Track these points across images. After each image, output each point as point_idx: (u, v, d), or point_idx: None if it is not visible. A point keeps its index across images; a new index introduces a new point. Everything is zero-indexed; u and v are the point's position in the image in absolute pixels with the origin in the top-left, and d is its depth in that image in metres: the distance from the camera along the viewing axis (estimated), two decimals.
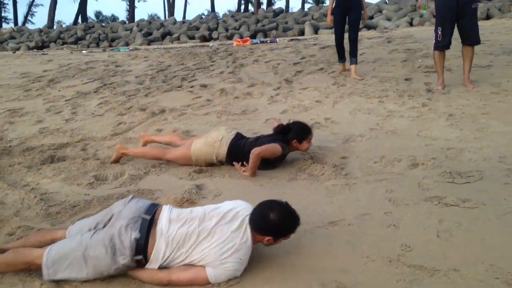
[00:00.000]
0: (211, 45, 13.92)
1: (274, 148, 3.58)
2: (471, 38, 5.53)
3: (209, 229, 2.26)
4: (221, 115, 5.55)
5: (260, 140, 3.73)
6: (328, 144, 4.23)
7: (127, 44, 18.10)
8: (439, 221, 2.70)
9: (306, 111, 5.46)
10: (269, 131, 4.71)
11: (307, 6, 42.91)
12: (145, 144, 4.33)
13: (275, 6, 36.69)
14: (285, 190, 3.30)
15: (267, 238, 2.28)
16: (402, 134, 4.32)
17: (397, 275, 2.21)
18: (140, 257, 2.23)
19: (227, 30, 18.66)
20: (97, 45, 18.87)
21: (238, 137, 3.85)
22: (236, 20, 20.32)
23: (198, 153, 3.77)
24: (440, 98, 5.35)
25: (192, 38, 18.12)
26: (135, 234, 2.23)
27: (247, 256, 2.26)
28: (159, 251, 2.24)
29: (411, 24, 15.56)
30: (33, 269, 2.28)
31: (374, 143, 4.16)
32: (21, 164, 4.07)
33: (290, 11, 36.58)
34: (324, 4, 40.72)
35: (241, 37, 15.92)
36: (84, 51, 14.96)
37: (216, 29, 19.04)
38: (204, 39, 17.76)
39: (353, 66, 6.83)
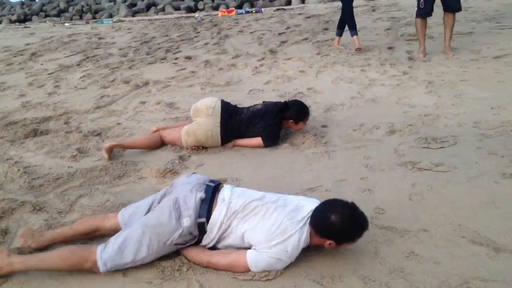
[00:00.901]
0: (196, 16, 13.73)
1: (275, 139, 3.64)
2: (452, 5, 5.55)
3: (270, 208, 2.14)
4: (205, 86, 5.56)
5: (256, 122, 3.63)
6: (311, 113, 4.27)
7: (110, 16, 17.80)
8: (412, 185, 2.80)
9: (290, 81, 5.48)
10: (252, 102, 4.77)
11: None
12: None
13: None
14: (266, 159, 3.37)
15: (329, 241, 2.06)
16: (382, 102, 4.39)
17: (368, 236, 2.30)
18: (203, 219, 2.15)
19: (213, 0, 18.39)
20: (80, 18, 18.54)
21: (228, 120, 3.62)
22: None
23: (189, 145, 3.63)
24: (421, 66, 5.40)
25: (177, 9, 17.86)
26: (200, 194, 2.19)
27: (295, 251, 2.06)
28: (218, 216, 2.15)
29: None
30: (87, 267, 2.11)
31: (355, 112, 4.22)
32: (4, 138, 4.08)
33: None
34: None
35: (227, 7, 15.71)
36: (67, 24, 14.68)
37: None
38: (190, 10, 17.51)
39: (355, 37, 6.57)
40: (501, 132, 3.41)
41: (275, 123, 3.62)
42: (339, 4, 6.88)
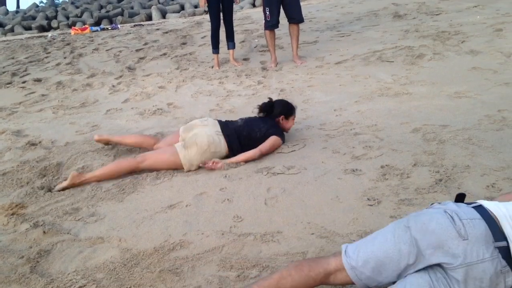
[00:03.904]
0: (48, 35, 12.82)
1: (277, 142, 3.51)
2: (295, 17, 6.00)
3: None
4: (58, 110, 5.23)
5: (255, 125, 3.51)
6: (170, 129, 4.26)
7: None
8: (267, 190, 2.94)
9: (149, 98, 5.41)
10: (110, 122, 4.61)
11: None
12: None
13: None
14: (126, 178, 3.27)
15: None
16: (239, 112, 4.55)
17: (228, 244, 2.37)
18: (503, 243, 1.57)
19: (67, 18, 17.37)
20: None
21: (226, 127, 3.49)
22: (77, 7, 19.01)
23: (192, 162, 3.32)
24: (273, 75, 5.73)
25: (28, 28, 16.49)
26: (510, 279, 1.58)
27: None
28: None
29: (253, 5, 16.22)
30: None
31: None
32: None
33: None
34: None
35: (84, 24, 14.97)
36: None
37: (55, 17, 17.61)
38: (43, 29, 16.31)
39: (231, 51, 6.57)
40: (343, 131, 3.76)
41: (276, 122, 3.60)
42: (197, 18, 6.97)
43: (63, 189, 3.17)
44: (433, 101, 4.13)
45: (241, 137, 3.47)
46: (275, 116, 3.63)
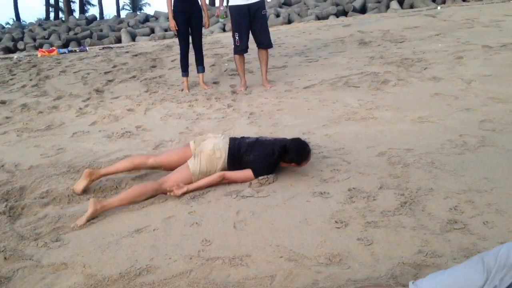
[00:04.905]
0: (15, 57, 12.60)
1: (248, 177, 3.36)
2: (264, 42, 6.10)
3: None
4: (22, 132, 5.11)
5: (257, 147, 3.44)
6: (139, 151, 4.22)
7: None
8: (237, 213, 2.93)
9: (117, 120, 5.36)
10: (77, 145, 4.53)
11: (123, 13, 41.90)
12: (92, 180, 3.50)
13: (88, 13, 34.97)
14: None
15: None
16: None
17: (196, 269, 2.34)
18: None
19: (34, 40, 17.16)
20: None
21: (235, 140, 3.53)
22: (45, 29, 18.83)
23: (200, 169, 3.37)
24: (243, 98, 5.79)
25: None
26: None
27: None
28: None
29: (224, 29, 16.44)
30: None
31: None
32: None
33: (105, 18, 35.25)
34: (139, 12, 40.20)
35: (51, 46, 14.79)
36: None
37: (21, 39, 17.36)
38: (9, 50, 16.06)
39: (201, 75, 6.60)
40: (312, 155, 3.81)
41: (274, 160, 3.39)
42: (167, 41, 6.99)
43: (88, 220, 2.96)
44: (398, 125, 4.25)
45: (240, 151, 3.45)
46: (284, 161, 3.41)
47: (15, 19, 37.91)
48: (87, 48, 12.45)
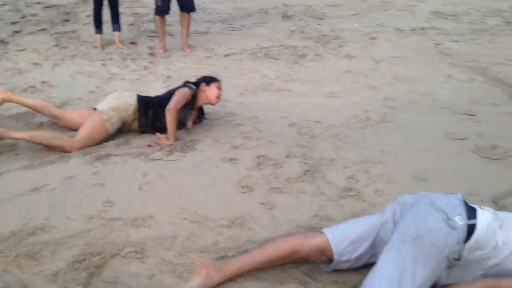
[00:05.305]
0: None
1: (183, 93, 3.49)
2: (187, 5, 5.94)
3: None
4: None
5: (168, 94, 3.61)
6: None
7: None
8: (144, 175, 2.90)
9: (21, 74, 5.00)
10: None
11: None
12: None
13: None
14: None
15: None
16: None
17: (96, 229, 2.29)
18: (473, 221, 1.76)
19: None
20: None
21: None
22: None
23: (110, 108, 3.41)
24: (161, 61, 5.63)
25: None
26: (459, 195, 1.86)
27: None
28: (486, 220, 1.79)
29: None
30: None
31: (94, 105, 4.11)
32: None
33: None
34: None
35: None
36: None
37: None
38: None
39: (117, 33, 6.25)
40: (225, 122, 3.84)
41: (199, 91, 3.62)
42: None
43: None
44: (310, 98, 4.39)
45: (151, 98, 3.64)
46: (197, 85, 3.65)
47: None
48: None
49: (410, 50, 5.92)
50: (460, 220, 1.72)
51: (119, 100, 3.50)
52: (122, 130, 3.53)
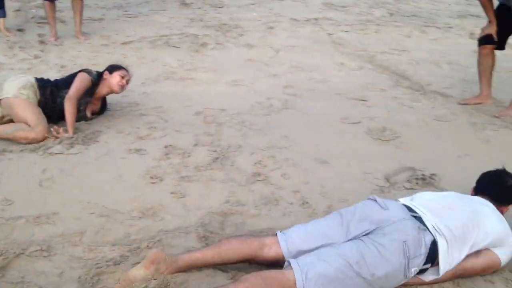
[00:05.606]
0: None
1: (82, 77, 3.36)
2: None
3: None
4: None
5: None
6: None
7: None
8: (43, 170, 2.75)
9: None
10: None
11: None
12: None
13: None
14: None
15: (506, 208, 2.20)
16: None
17: None
18: (427, 265, 1.86)
19: None
20: None
21: None
22: None
23: (24, 91, 3.19)
24: (53, 49, 5.29)
25: None
26: (429, 237, 1.85)
27: None
28: (443, 254, 1.87)
29: None
30: None
31: None
32: None
33: None
34: None
35: None
36: None
37: None
38: None
39: (1, 20, 5.74)
40: (128, 112, 3.75)
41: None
42: None
43: None
44: (214, 87, 4.44)
45: (50, 81, 3.46)
46: (101, 75, 3.53)
47: None
48: None
49: (306, 40, 6.21)
50: (414, 272, 1.82)
51: (19, 80, 3.30)
52: None
